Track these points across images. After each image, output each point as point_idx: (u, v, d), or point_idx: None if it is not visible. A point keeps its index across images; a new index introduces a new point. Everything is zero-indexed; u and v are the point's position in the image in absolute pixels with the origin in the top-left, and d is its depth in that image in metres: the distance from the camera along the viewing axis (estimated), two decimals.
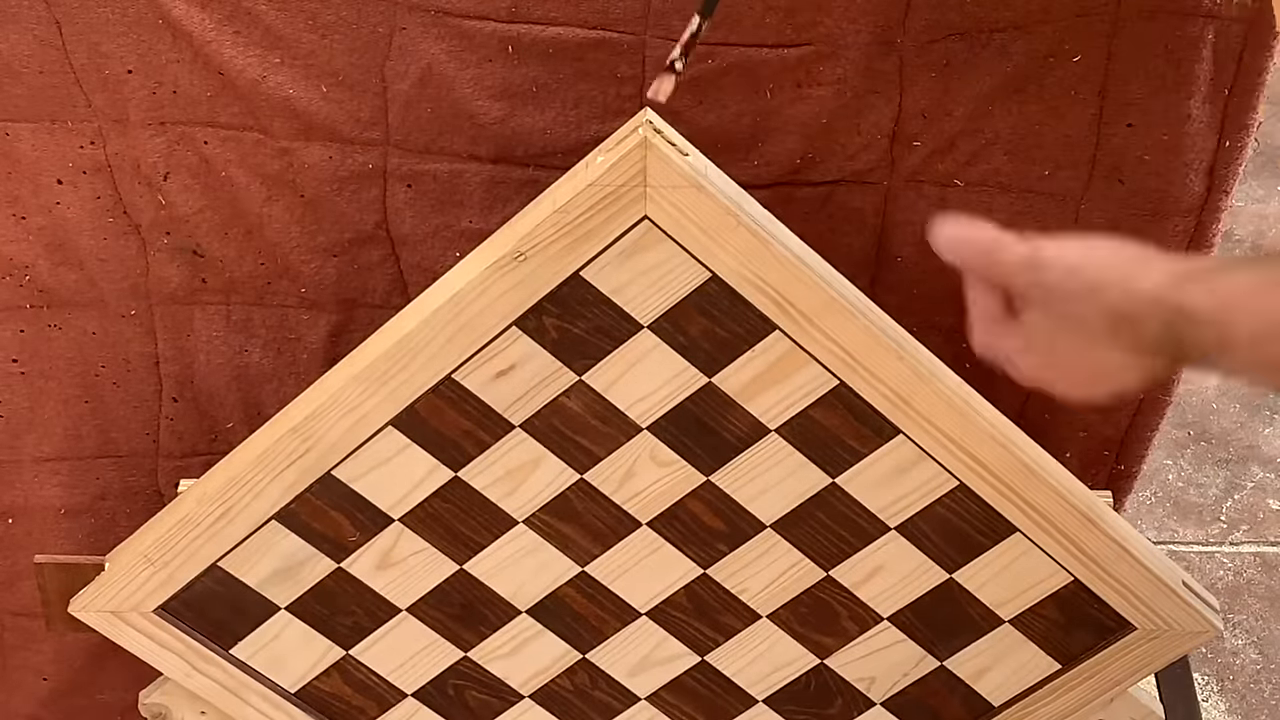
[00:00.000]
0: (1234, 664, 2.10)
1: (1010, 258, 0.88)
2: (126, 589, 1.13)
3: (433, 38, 1.16)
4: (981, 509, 1.08)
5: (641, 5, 1.16)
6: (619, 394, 1.05)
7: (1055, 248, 0.87)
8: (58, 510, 1.37)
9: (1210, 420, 2.42)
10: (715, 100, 1.20)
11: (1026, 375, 0.90)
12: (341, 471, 1.08)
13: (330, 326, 1.30)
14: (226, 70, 1.17)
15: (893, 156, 1.23)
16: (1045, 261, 0.86)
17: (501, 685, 1.19)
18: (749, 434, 1.06)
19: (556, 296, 1.00)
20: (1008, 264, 0.88)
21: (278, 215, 1.24)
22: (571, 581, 1.14)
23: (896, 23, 1.17)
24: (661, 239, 0.98)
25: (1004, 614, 1.13)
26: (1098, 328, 0.84)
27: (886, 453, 1.06)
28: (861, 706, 1.19)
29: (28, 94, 1.18)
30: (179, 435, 1.35)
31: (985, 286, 0.91)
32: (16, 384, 1.31)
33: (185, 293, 1.28)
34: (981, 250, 0.89)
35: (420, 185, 1.23)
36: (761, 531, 1.10)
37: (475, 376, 1.04)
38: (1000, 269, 0.88)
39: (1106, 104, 1.19)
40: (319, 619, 1.15)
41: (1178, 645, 1.13)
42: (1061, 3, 1.15)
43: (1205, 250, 1.25)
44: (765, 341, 1.02)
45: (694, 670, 1.18)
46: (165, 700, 1.22)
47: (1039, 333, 0.87)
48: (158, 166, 1.21)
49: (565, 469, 1.08)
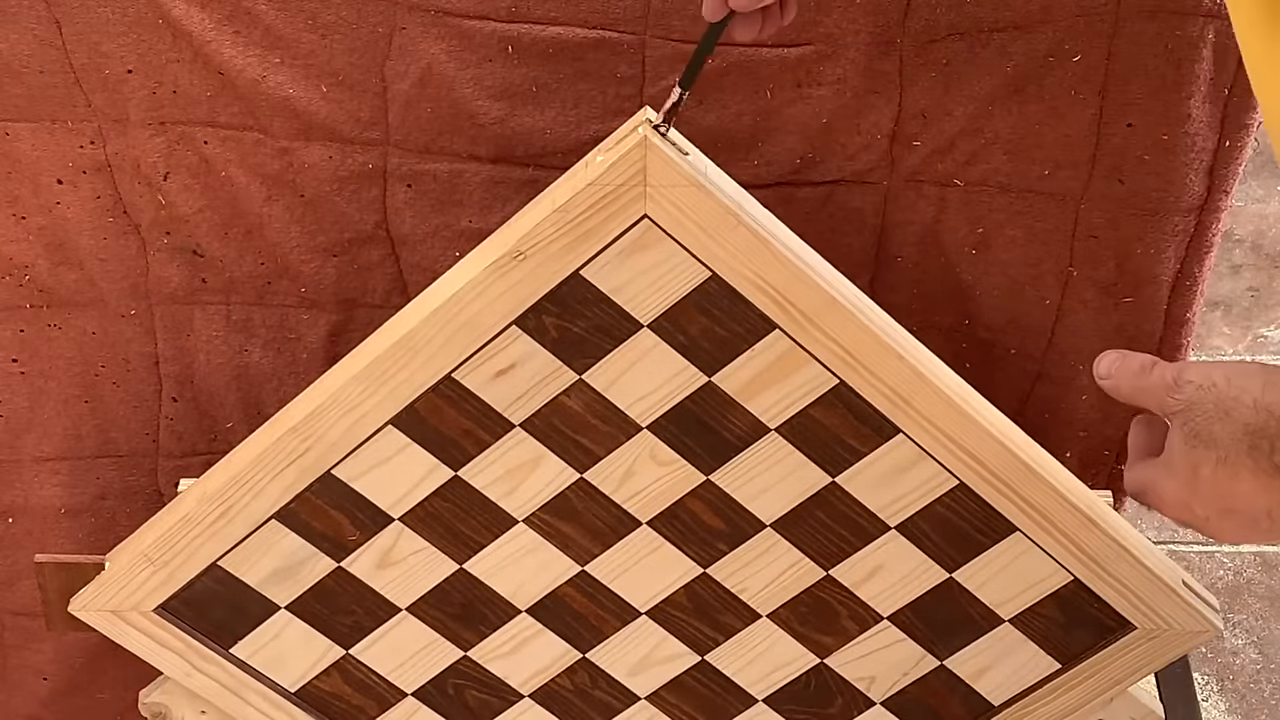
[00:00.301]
0: (1234, 664, 2.10)
1: (1156, 380, 0.87)
2: (126, 588, 1.13)
3: (433, 38, 1.17)
4: (981, 508, 1.08)
5: (641, 5, 1.16)
6: (619, 393, 1.05)
7: (1199, 367, 0.85)
8: (58, 510, 1.37)
9: None
10: (715, 100, 1.20)
11: (1171, 510, 0.88)
12: (341, 471, 1.08)
13: (330, 326, 1.30)
14: (226, 70, 1.17)
15: (893, 156, 1.23)
16: (1187, 380, 0.85)
17: (501, 685, 1.19)
18: (749, 433, 1.06)
19: (556, 295, 1.00)
20: (1154, 386, 0.87)
21: (278, 215, 1.24)
22: (571, 581, 1.14)
23: (896, 23, 1.17)
24: (661, 238, 0.98)
25: (1004, 613, 1.13)
26: (1235, 448, 0.82)
27: (886, 452, 1.06)
28: (861, 706, 1.19)
29: (28, 94, 1.18)
30: (179, 435, 1.35)
31: (1144, 428, 0.90)
32: (16, 384, 1.31)
33: (185, 293, 1.28)
34: (1132, 374, 0.89)
35: (420, 185, 1.23)
36: (761, 531, 1.10)
37: (475, 376, 1.04)
38: (1147, 392, 0.87)
39: (1106, 104, 1.19)
40: (319, 618, 1.15)
41: (1178, 645, 1.13)
42: (1061, 3, 1.15)
43: (1205, 250, 1.25)
44: (765, 340, 1.02)
45: (694, 670, 1.18)
46: (165, 700, 1.22)
47: (1179, 456, 0.85)
48: (158, 166, 1.22)
49: (565, 468, 1.08)
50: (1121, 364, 0.90)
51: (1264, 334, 1.72)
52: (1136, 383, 0.89)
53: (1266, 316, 1.69)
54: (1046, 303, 1.29)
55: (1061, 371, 1.32)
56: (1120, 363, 0.90)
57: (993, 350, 1.32)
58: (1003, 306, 1.30)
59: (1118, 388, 0.90)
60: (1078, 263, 1.26)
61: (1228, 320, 1.69)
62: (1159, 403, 0.87)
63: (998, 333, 1.31)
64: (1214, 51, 1.16)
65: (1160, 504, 0.88)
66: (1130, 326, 1.29)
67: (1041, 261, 1.27)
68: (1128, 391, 0.90)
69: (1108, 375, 0.91)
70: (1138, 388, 0.88)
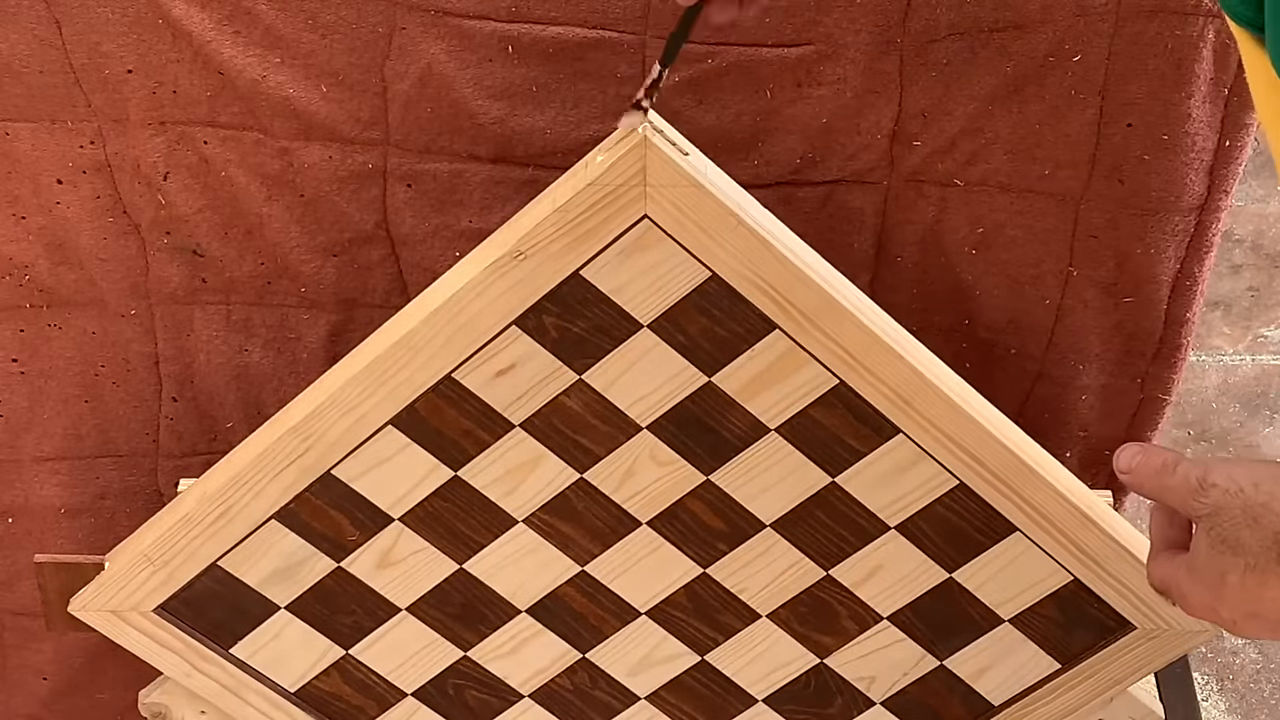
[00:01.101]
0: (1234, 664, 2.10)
1: (1179, 480, 0.85)
2: (126, 588, 1.13)
3: (433, 38, 1.16)
4: (981, 508, 1.08)
5: (641, 5, 1.16)
6: (619, 393, 1.05)
7: (1224, 468, 0.83)
8: (58, 510, 1.37)
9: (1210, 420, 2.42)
10: (715, 100, 1.20)
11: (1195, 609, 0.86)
12: (341, 471, 1.08)
13: (330, 326, 1.30)
14: (226, 70, 1.17)
15: (893, 156, 1.23)
16: (1213, 483, 0.83)
17: (501, 685, 1.19)
18: (749, 433, 1.06)
19: (556, 296, 1.00)
20: (1177, 487, 0.85)
21: (278, 215, 1.24)
22: (571, 581, 1.14)
23: (896, 23, 1.17)
24: (661, 238, 0.98)
25: (1004, 613, 1.13)
26: (1264, 556, 0.81)
27: (886, 452, 1.06)
28: (861, 706, 1.19)
29: (28, 94, 1.18)
30: (179, 435, 1.35)
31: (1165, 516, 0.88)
32: (16, 384, 1.31)
33: (185, 292, 1.28)
34: (1154, 472, 0.86)
35: (420, 185, 1.23)
36: (761, 531, 1.10)
37: (475, 376, 1.04)
38: (1171, 492, 0.85)
39: (1106, 104, 1.19)
40: (319, 618, 1.15)
41: (1177, 644, 1.13)
42: (1061, 3, 1.15)
43: (1205, 250, 1.25)
44: (765, 341, 1.02)
45: (694, 669, 1.18)
46: (165, 700, 1.22)
47: (1205, 561, 0.83)
48: (157, 166, 1.21)
49: (565, 468, 1.08)
50: (1144, 460, 0.87)
51: (1264, 334, 1.72)
52: (1159, 482, 0.86)
53: (1266, 316, 1.69)
54: (1046, 303, 1.29)
55: (1061, 371, 1.32)
56: (1142, 459, 0.87)
57: (993, 350, 1.32)
58: (1003, 306, 1.30)
59: (1140, 485, 0.88)
60: (1078, 262, 1.26)
61: (1228, 320, 1.69)
62: (1183, 504, 0.84)
63: (998, 333, 1.31)
64: (1214, 51, 1.16)
65: (1186, 605, 0.87)
66: (1130, 326, 1.29)
67: (1041, 261, 1.27)
68: (1151, 490, 0.87)
69: (1128, 470, 0.88)
70: (1162, 487, 0.86)
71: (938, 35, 1.17)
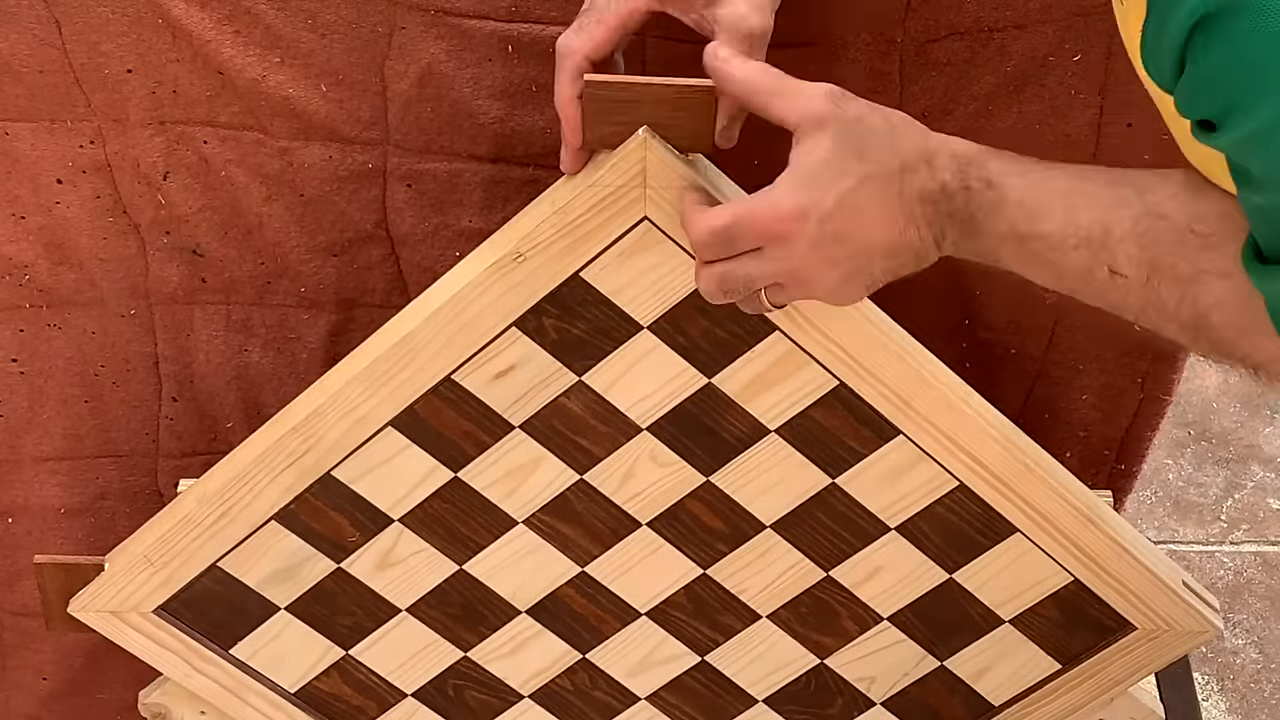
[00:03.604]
0: (1234, 664, 2.10)
1: (809, 88, 0.86)
2: (126, 589, 1.13)
3: (432, 37, 1.16)
4: (981, 509, 1.08)
5: None
6: (619, 394, 1.05)
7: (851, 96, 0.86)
8: (58, 510, 1.37)
9: (1210, 420, 2.42)
10: None
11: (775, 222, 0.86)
12: (341, 472, 1.08)
13: (330, 326, 1.30)
14: (226, 70, 1.17)
15: None
16: (849, 98, 0.86)
17: (501, 685, 1.19)
18: (749, 434, 1.06)
19: (556, 297, 1.00)
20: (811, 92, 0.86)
21: (277, 215, 1.24)
22: (571, 582, 1.14)
23: (896, 23, 1.17)
24: (661, 239, 0.98)
25: (1004, 614, 1.13)
26: (888, 166, 0.83)
27: (886, 453, 1.06)
28: (861, 706, 1.19)
29: (27, 94, 1.18)
30: (179, 435, 1.34)
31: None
32: (16, 384, 1.31)
33: (185, 293, 1.28)
34: (766, 89, 0.88)
35: (420, 185, 1.23)
36: (761, 532, 1.10)
37: (475, 377, 1.04)
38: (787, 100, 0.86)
39: (1106, 104, 1.19)
40: (319, 619, 1.15)
41: (1178, 645, 1.13)
42: (1061, 3, 1.15)
43: None
44: (765, 342, 1.02)
45: (694, 670, 1.18)
46: (165, 700, 1.22)
47: (825, 160, 0.84)
48: (157, 166, 1.21)
49: (565, 469, 1.08)
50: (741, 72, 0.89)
51: None
52: (781, 85, 0.87)
53: None
54: (1046, 303, 1.28)
55: (1061, 371, 1.32)
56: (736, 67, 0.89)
57: (993, 350, 1.32)
58: (1003, 306, 1.29)
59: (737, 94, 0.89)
60: None
61: None
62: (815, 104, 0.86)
63: (998, 333, 1.31)
64: None
65: (760, 217, 0.86)
66: (1130, 326, 1.29)
67: None
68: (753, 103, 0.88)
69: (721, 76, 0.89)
70: (772, 98, 0.87)
71: (938, 35, 1.17)
